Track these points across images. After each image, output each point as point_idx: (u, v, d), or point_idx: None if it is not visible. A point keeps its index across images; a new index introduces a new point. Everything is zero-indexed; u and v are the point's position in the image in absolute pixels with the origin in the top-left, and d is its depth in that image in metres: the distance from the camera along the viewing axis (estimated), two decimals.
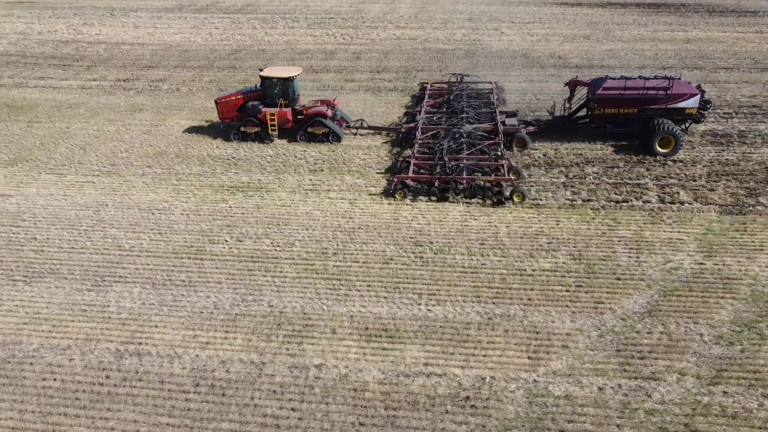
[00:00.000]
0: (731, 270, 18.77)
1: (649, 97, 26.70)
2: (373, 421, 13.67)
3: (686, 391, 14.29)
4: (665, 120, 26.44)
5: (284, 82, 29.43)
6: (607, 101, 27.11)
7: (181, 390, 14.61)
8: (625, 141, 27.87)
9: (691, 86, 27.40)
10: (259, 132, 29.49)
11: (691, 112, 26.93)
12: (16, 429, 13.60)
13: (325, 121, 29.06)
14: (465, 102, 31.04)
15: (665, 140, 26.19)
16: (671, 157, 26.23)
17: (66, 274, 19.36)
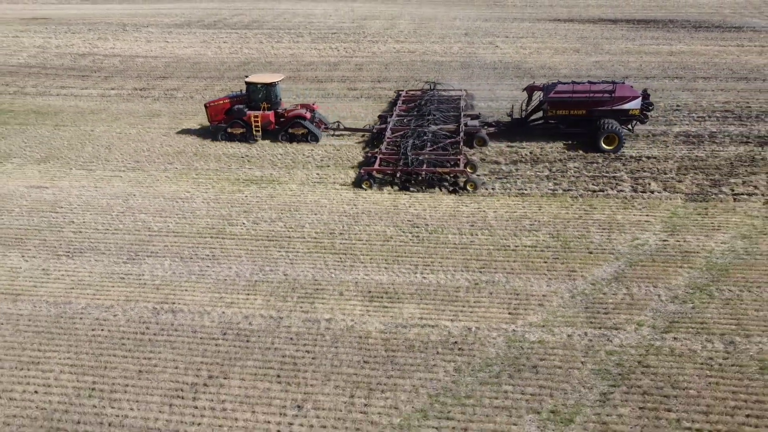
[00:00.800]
0: (690, 245, 21.42)
1: (596, 100, 29.76)
2: (375, 360, 16.23)
3: (642, 337, 16.86)
4: (610, 120, 29.43)
5: (267, 88, 32.40)
6: (558, 104, 30.17)
7: (211, 337, 17.19)
8: (576, 140, 30.62)
9: (634, 90, 30.40)
10: (244, 133, 32.38)
11: (634, 113, 29.99)
12: (74, 365, 16.16)
13: (304, 122, 32.03)
14: (434, 106, 34.05)
15: (610, 138, 29.18)
16: (616, 153, 29.15)
17: (103, 250, 22.00)
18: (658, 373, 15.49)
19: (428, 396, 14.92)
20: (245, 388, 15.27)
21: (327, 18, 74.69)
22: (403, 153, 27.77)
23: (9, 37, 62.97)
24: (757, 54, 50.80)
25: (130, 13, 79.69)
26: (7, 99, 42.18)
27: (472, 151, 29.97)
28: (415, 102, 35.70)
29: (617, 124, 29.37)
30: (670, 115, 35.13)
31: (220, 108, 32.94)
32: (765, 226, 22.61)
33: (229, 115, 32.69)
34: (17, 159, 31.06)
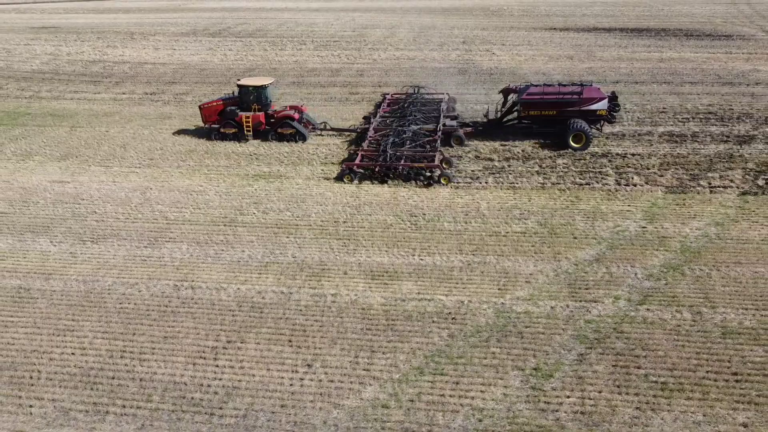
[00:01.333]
0: (667, 231, 23.31)
1: (565, 101, 31.79)
2: (376, 327, 18.07)
3: (618, 308, 18.71)
4: (578, 120, 31.42)
5: (258, 90, 34.46)
6: (530, 105, 32.25)
7: (228, 309, 19.04)
8: (548, 139, 32.52)
9: (601, 91, 32.44)
10: (236, 132, 34.33)
11: (601, 113, 32.05)
12: (106, 332, 18.00)
13: (293, 123, 34.07)
14: (416, 108, 36.08)
15: (578, 137, 31.18)
16: (583, 151, 31.14)
17: (125, 236, 23.89)
18: (630, 338, 17.33)
19: (424, 357, 16.75)
20: (260, 351, 17.11)
21: (328, 27, 76.95)
22: (383, 150, 29.87)
23: (21, 45, 65.17)
24: (744, 60, 52.88)
25: (136, 23, 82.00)
26: (24, 102, 44.22)
27: (451, 149, 31.88)
28: (398, 104, 37.75)
29: (585, 123, 31.41)
30: (656, 116, 37.10)
31: (214, 109, 35.06)
32: (737, 215, 24.50)
33: (222, 116, 34.76)
34: (38, 157, 33.01)
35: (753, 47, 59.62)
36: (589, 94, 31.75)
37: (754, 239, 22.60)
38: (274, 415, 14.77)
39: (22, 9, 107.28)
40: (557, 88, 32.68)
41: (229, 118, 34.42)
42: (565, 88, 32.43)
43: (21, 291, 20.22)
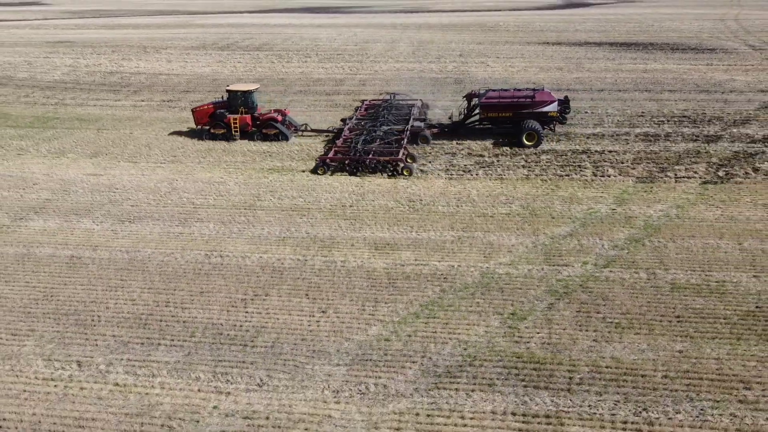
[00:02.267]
0: (634, 212, 26.77)
1: (520, 104, 35.64)
2: (380, 284, 21.44)
3: (585, 271, 22.10)
4: (531, 120, 35.12)
5: (245, 95, 38.34)
6: (489, 107, 36.10)
7: (253, 272, 22.43)
8: (506, 138, 36.17)
9: (552, 95, 36.36)
10: (225, 133, 38.07)
11: (552, 114, 35.98)
12: (150, 288, 21.37)
13: (276, 124, 37.97)
14: (389, 112, 39.96)
15: (530, 135, 34.94)
16: (536, 149, 34.77)
17: (158, 218, 27.35)
18: (593, 292, 20.71)
19: (420, 305, 20.12)
20: (282, 301, 20.48)
21: (332, 41, 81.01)
22: (353, 146, 33.72)
23: (41, 57, 69.13)
24: (723, 71, 56.69)
25: (147, 37, 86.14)
26: (51, 109, 47.92)
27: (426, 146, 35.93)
28: (374, 109, 41.66)
29: (537, 124, 35.14)
30: (634, 119, 40.74)
31: (205, 112, 39.01)
32: (697, 200, 27.99)
33: (212, 118, 38.61)
34: (71, 154, 36.58)
35: (733, 59, 63.50)
36: (541, 97, 35.69)
37: (708, 218, 26.06)
38: (296, 346, 18.11)
39: (35, 25, 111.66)
40: (512, 92, 36.73)
41: (218, 120, 38.31)
42: (519, 93, 36.50)
43: (74, 258, 23.63)
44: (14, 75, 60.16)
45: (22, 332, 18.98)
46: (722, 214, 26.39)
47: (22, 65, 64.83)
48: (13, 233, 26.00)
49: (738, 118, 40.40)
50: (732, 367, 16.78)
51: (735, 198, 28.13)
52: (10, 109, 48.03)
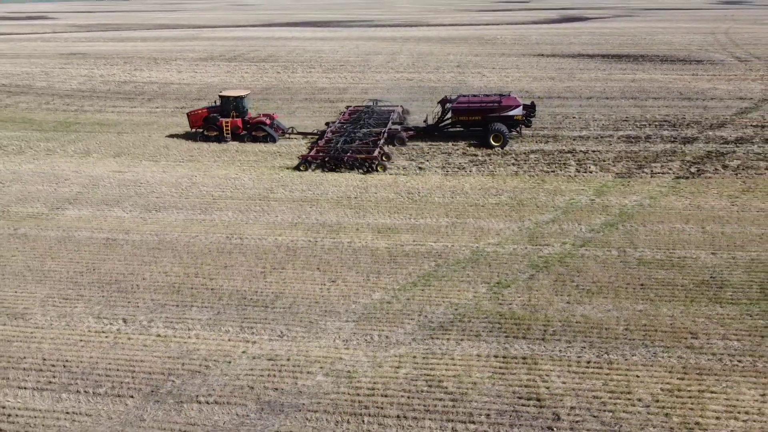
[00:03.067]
0: (611, 202, 29.84)
1: (488, 108, 39.08)
2: (382, 260, 24.44)
3: (564, 249, 25.11)
4: (498, 123, 38.49)
5: (236, 100, 41.82)
6: (460, 111, 39.53)
7: (270, 250, 25.43)
8: (475, 140, 39.53)
9: (517, 100, 39.80)
10: (217, 135, 41.51)
11: (518, 118, 39.38)
12: (180, 263, 24.38)
13: (265, 127, 41.53)
14: (370, 116, 43.43)
15: (496, 137, 38.36)
16: (502, 149, 38.07)
17: (181, 207, 30.41)
18: (569, 266, 23.70)
19: (417, 276, 23.11)
20: (296, 273, 23.47)
21: (334, 53, 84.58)
22: (333, 145, 37.20)
23: (56, 68, 72.62)
24: (706, 81, 60.05)
25: (157, 49, 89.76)
26: (71, 115, 51.17)
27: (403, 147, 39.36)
28: (357, 113, 45.10)
29: (503, 126, 38.55)
30: (618, 123, 43.97)
31: (199, 116, 42.46)
32: (669, 192, 31.07)
33: (205, 122, 42.06)
34: (96, 154, 39.72)
35: (718, 70, 66.91)
36: (508, 102, 39.14)
37: (677, 207, 29.12)
38: (310, 307, 21.08)
39: (46, 38, 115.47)
40: (481, 98, 40.29)
41: (211, 123, 41.72)
42: (487, 98, 40.07)
43: (109, 240, 26.67)
44: (33, 84, 63.56)
45: (72, 297, 21.96)
46: (690, 204, 29.46)
47: (39, 75, 68.27)
48: (52, 220, 29.06)
49: (715, 123, 43.61)
50: (683, 322, 19.75)
51: (703, 190, 31.22)
52: (34, 115, 51.30)
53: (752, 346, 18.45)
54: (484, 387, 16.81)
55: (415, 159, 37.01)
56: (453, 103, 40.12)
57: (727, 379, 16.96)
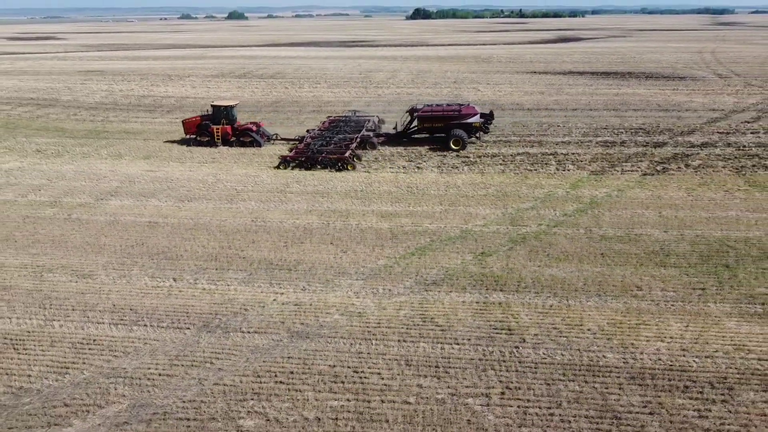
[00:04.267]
0: (583, 193, 34.62)
1: (449, 116, 44.70)
2: (385, 237, 29.12)
3: (539, 228, 29.80)
4: (458, 129, 43.87)
5: (227, 109, 47.30)
6: (425, 119, 45.09)
7: (289, 230, 30.13)
8: (438, 144, 44.70)
9: (476, 109, 45.46)
10: (209, 140, 46.91)
11: (476, 125, 44.95)
12: (214, 240, 29.07)
13: (251, 133, 47.04)
14: (346, 124, 48.86)
15: (456, 141, 43.75)
16: (462, 151, 43.25)
17: (209, 198, 35.18)
18: (543, 241, 28.38)
19: (415, 248, 27.78)
20: (313, 246, 28.14)
21: (338, 71, 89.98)
22: (310, 148, 42.53)
23: (78, 84, 77.92)
24: (685, 95, 65.22)
25: (169, 67, 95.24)
26: (99, 124, 56.20)
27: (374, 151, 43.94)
28: (337, 122, 50.59)
29: (463, 132, 43.93)
30: (598, 131, 48.93)
31: (193, 123, 47.97)
32: (635, 185, 35.85)
33: (198, 129, 47.52)
34: (127, 157, 44.62)
35: (698, 85, 72.18)
36: (467, 111, 44.71)
37: (640, 197, 33.90)
38: (326, 270, 25.73)
39: (60, 56, 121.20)
40: (444, 107, 45.69)
41: (204, 129, 47.09)
42: (449, 107, 45.69)
43: (151, 222, 31.41)
44: (59, 98, 68.76)
45: (127, 264, 26.64)
46: (652, 194, 34.26)
47: (63, 90, 73.51)
48: (98, 208, 33.82)
49: (685, 130, 48.59)
50: (632, 279, 24.40)
51: (665, 184, 36.04)
52: (64, 124, 56.34)
53: (684, 295, 23.08)
54: (467, 322, 21.41)
55: (414, 160, 41.90)
56: (419, 112, 45.62)
57: (660, 317, 21.58)
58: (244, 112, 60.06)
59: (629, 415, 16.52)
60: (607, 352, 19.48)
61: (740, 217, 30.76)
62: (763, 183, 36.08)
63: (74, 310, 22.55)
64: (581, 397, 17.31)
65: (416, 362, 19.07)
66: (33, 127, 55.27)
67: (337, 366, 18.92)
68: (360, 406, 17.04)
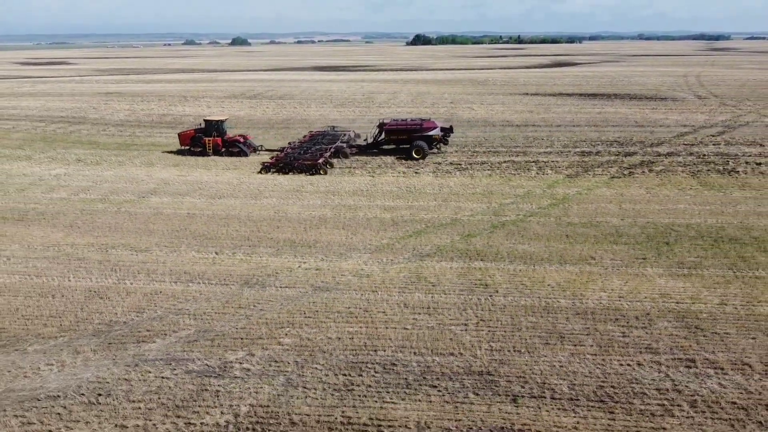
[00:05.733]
0: (557, 192, 40.64)
1: (412, 129, 51.78)
2: (388, 225, 35.12)
3: (517, 217, 35.81)
4: (419, 141, 50.74)
5: (217, 123, 54.37)
6: (391, 132, 52.29)
7: (306, 220, 36.15)
8: (402, 154, 51.24)
9: (435, 123, 52.64)
10: (201, 150, 53.84)
11: (436, 138, 51.98)
12: (246, 226, 35.07)
13: (239, 145, 53.95)
14: (324, 137, 55.57)
15: (417, 151, 50.52)
16: (423, 160, 49.84)
17: (236, 196, 41.26)
18: (519, 226, 34.37)
19: (412, 232, 33.74)
20: (328, 230, 34.11)
21: (342, 93, 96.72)
22: (288, 156, 49.01)
23: (101, 104, 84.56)
24: (662, 113, 71.65)
25: (183, 89, 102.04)
26: (127, 138, 62.59)
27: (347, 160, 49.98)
28: (316, 135, 57.36)
29: (424, 143, 50.80)
30: (577, 143, 55.18)
31: (187, 135, 55.15)
32: (603, 185, 41.95)
33: (192, 140, 54.54)
34: (159, 165, 50.85)
35: (676, 105, 78.65)
36: (427, 125, 51.91)
37: (606, 195, 39.98)
38: (339, 247, 31.64)
39: (77, 80, 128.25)
40: (408, 121, 52.99)
41: (197, 141, 54.03)
42: (412, 121, 53.10)
43: (189, 214, 37.42)
44: (87, 116, 75.31)
45: (175, 243, 32.59)
46: (616, 192, 40.34)
47: (89, 109, 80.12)
48: (141, 203, 39.89)
49: (655, 142, 54.85)
50: (588, 252, 30.32)
51: (629, 185, 42.16)
52: (96, 138, 62.73)
53: (628, 263, 28.99)
54: (453, 280, 27.31)
55: (413, 167, 48.08)
56: (386, 126, 52.86)
57: (606, 277, 27.47)
58: (257, 129, 66.60)
59: (571, 336, 22.36)
60: (560, 298, 25.37)
61: (687, 209, 36.82)
62: (713, 183, 42.21)
63: (139, 273, 28.50)
64: (537, 325, 23.16)
65: (412, 305, 24.95)
66: (69, 141, 61.61)
67: (351, 308, 24.79)
68: (369, 331, 22.89)
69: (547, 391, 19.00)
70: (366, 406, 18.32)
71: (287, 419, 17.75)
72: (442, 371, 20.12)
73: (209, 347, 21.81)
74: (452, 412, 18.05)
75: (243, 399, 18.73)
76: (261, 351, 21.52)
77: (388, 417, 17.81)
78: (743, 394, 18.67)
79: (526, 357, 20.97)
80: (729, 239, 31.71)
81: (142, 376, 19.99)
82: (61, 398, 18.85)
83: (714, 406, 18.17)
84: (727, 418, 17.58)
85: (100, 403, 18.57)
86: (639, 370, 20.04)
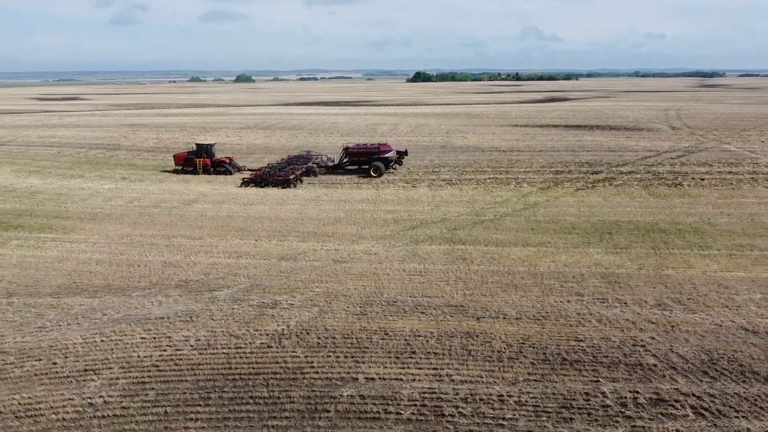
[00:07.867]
0: (529, 200, 49.85)
1: (370, 152, 62.37)
2: (389, 220, 44.22)
3: (494, 217, 44.93)
4: (377, 162, 61.03)
5: (207, 147, 65.29)
6: (353, 154, 62.79)
7: (325, 219, 45.26)
8: (363, 173, 61.00)
9: (391, 146, 63.56)
10: (193, 170, 64.13)
11: (391, 159, 62.59)
12: (273, 223, 44.16)
13: (225, 165, 64.31)
14: (298, 159, 65.90)
15: (375, 170, 60.82)
16: (379, 178, 59.74)
17: (263, 203, 50.46)
18: (495, 222, 43.44)
19: (409, 227, 42.81)
20: (342, 226, 43.17)
21: (347, 125, 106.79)
22: (265, 173, 58.94)
23: (130, 134, 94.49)
24: (634, 141, 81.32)
25: (200, 122, 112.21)
26: (161, 162, 72.14)
27: (315, 178, 59.39)
28: (292, 158, 67.57)
29: (381, 164, 61.17)
30: (554, 165, 64.62)
31: (181, 157, 65.75)
32: (568, 195, 51.17)
33: (185, 161, 65.12)
34: (194, 182, 60.22)
35: (649, 135, 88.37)
36: (384, 148, 62.90)
37: (569, 201, 49.19)
38: (352, 236, 40.63)
39: (98, 114, 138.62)
40: (368, 145, 64.23)
41: (190, 161, 64.70)
42: (371, 145, 64.44)
43: (228, 216, 46.55)
44: (120, 143, 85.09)
45: (221, 234, 41.61)
46: (577, 200, 49.56)
47: (120, 138, 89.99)
48: (188, 208, 49.08)
49: (620, 163, 64.25)
50: (546, 239, 39.32)
51: (590, 194, 51.39)
52: (134, 161, 72.31)
53: (576, 245, 37.97)
54: (440, 256, 36.26)
55: (410, 182, 57.36)
56: (349, 149, 63.51)
57: (556, 254, 36.42)
58: (274, 155, 76.20)
59: (524, 286, 31.25)
60: (520, 266, 34.33)
61: (632, 211, 45.99)
62: (660, 193, 51.46)
63: (199, 252, 37.54)
64: (499, 281, 32.07)
65: (408, 270, 33.90)
66: (110, 164, 71.15)
67: (363, 272, 33.74)
68: (377, 284, 31.79)
69: (501, 314, 27.88)
70: (375, 321, 27.19)
71: (323, 328, 26.60)
72: (428, 304, 29.02)
73: (262, 293, 30.73)
74: (434, 325, 26.90)
75: (291, 318, 27.62)
76: (300, 295, 30.44)
77: (390, 327, 26.66)
78: (635, 315, 27.54)
79: (489, 298, 29.87)
80: (658, 230, 40.79)
81: (218, 307, 28.92)
82: (165, 319, 27.72)
83: (614, 321, 27.02)
84: (620, 328, 26.40)
85: (193, 320, 27.45)
86: (567, 305, 28.92)
